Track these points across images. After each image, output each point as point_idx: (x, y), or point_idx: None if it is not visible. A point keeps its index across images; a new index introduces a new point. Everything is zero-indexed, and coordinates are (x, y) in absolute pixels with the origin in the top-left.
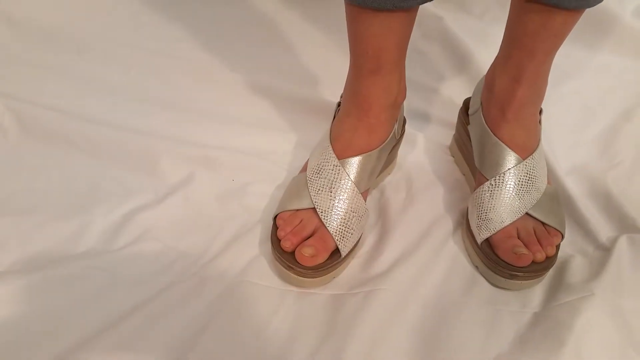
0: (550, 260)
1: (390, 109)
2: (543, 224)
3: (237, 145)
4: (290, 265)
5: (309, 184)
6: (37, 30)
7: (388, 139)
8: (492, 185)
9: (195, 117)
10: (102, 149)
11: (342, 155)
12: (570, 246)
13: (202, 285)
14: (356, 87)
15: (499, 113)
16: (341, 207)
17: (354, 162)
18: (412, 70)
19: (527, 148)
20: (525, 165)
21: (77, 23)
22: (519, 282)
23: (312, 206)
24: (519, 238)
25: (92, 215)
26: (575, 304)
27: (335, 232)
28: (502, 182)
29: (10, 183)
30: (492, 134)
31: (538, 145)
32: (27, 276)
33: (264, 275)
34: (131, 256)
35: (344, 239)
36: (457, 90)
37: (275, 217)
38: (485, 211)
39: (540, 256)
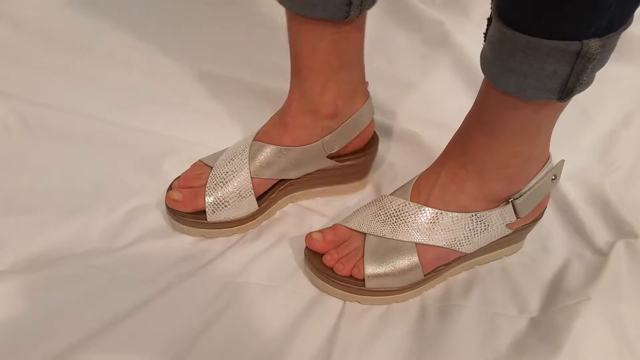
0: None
1: (310, 116)
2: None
3: None
4: (168, 205)
5: (226, 150)
6: (41, 31)
7: (306, 146)
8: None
9: (198, 118)
10: (105, 148)
11: (258, 138)
12: (567, 251)
13: (202, 285)
14: (291, 82)
15: (441, 159)
16: (226, 177)
17: (258, 146)
18: (413, 74)
19: (423, 196)
20: (411, 205)
21: (80, 24)
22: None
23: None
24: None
25: (94, 214)
26: (572, 308)
27: (209, 194)
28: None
29: (14, 182)
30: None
31: (445, 210)
32: (28, 275)
33: (265, 275)
34: (132, 256)
35: (212, 205)
36: (457, 95)
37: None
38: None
39: (336, 268)
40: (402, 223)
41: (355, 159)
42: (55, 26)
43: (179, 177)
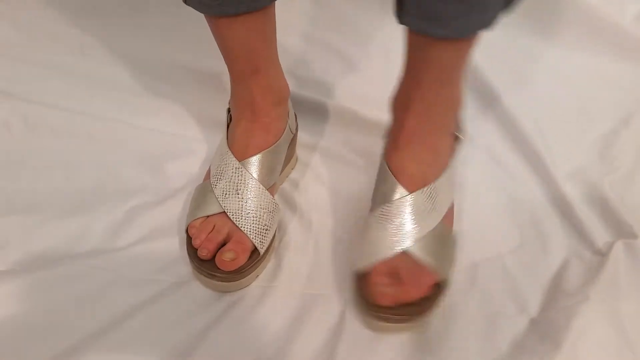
0: (424, 302)
1: (279, 106)
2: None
3: None
4: (212, 273)
5: (214, 190)
6: (42, 30)
7: (284, 134)
8: (375, 217)
9: (201, 117)
10: (106, 147)
11: (242, 156)
12: (567, 251)
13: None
14: (240, 92)
15: (392, 141)
16: (251, 207)
17: (255, 161)
18: None
19: (418, 181)
20: (412, 198)
21: (81, 23)
22: (385, 324)
23: (222, 210)
24: (391, 275)
25: (95, 214)
26: (572, 308)
27: (251, 232)
28: (381, 216)
29: (15, 181)
30: (385, 162)
31: (435, 179)
32: (30, 275)
33: (266, 275)
34: (134, 255)
35: (260, 236)
36: None
37: (187, 230)
38: (362, 243)
39: (405, 297)
40: (412, 220)
41: None
42: (56, 25)
43: (193, 251)
